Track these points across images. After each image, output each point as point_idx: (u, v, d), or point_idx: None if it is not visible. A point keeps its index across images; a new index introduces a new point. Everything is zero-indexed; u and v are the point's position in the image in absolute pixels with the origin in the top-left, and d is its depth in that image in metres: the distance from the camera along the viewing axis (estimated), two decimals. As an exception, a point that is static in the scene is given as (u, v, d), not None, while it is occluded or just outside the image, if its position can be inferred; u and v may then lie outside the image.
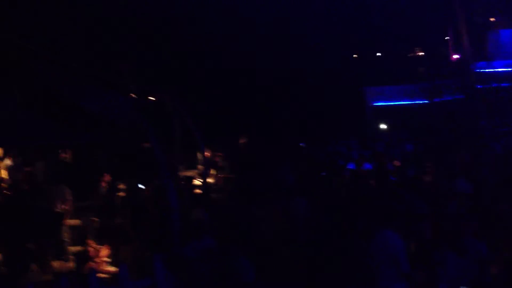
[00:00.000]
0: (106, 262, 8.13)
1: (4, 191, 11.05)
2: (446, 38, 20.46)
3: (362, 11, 20.79)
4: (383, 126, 22.01)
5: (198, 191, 11.94)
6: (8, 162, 12.01)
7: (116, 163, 12.22)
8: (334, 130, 20.80)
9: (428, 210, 8.12)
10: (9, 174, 11.79)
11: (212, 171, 13.90)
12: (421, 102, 21.66)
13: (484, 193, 9.06)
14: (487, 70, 19.01)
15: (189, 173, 13.25)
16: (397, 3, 19.63)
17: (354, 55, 25.25)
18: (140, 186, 11.42)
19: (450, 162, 12.29)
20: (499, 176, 10.30)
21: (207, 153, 13.71)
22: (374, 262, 6.27)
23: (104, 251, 8.20)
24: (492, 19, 19.31)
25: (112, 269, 7.81)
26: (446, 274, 4.97)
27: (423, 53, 23.81)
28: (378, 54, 24.96)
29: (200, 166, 13.50)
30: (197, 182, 12.54)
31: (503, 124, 17.12)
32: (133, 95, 11.30)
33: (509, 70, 18.31)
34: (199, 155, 13.53)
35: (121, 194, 11.44)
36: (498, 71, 18.84)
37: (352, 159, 14.44)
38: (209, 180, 13.32)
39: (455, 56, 20.01)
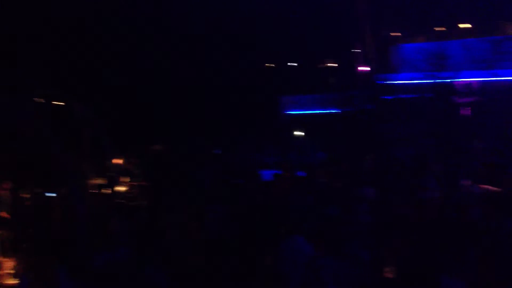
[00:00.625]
0: (10, 275, 7.74)
1: None
2: (354, 50, 21.35)
3: (277, 22, 21.24)
4: (297, 133, 22.55)
5: (109, 199, 11.62)
6: None
7: (20, 170, 11.62)
8: (250, 137, 21.05)
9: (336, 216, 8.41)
10: None
11: (125, 179, 13.62)
12: (333, 111, 22.42)
13: (389, 199, 9.50)
14: (392, 82, 20.07)
15: (99, 181, 12.87)
16: (311, 16, 20.27)
17: (269, 65, 25.73)
18: (47, 194, 10.93)
19: (358, 169, 12.80)
20: (403, 182, 10.87)
21: (118, 160, 13.40)
22: (284, 268, 6.40)
23: (8, 263, 7.80)
24: (395, 34, 20.44)
25: (15, 281, 7.44)
26: (326, 277, 5.24)
27: (335, 65, 24.66)
28: (292, 64, 25.57)
29: (109, 174, 13.18)
30: (106, 190, 12.23)
31: (408, 134, 18.07)
32: (38, 99, 10.80)
33: (412, 82, 19.44)
34: (108, 163, 13.19)
35: (25, 203, 10.90)
36: (402, 83, 19.94)
37: (267, 166, 14.68)
38: (121, 188, 13.03)
39: (362, 68, 20.94)
